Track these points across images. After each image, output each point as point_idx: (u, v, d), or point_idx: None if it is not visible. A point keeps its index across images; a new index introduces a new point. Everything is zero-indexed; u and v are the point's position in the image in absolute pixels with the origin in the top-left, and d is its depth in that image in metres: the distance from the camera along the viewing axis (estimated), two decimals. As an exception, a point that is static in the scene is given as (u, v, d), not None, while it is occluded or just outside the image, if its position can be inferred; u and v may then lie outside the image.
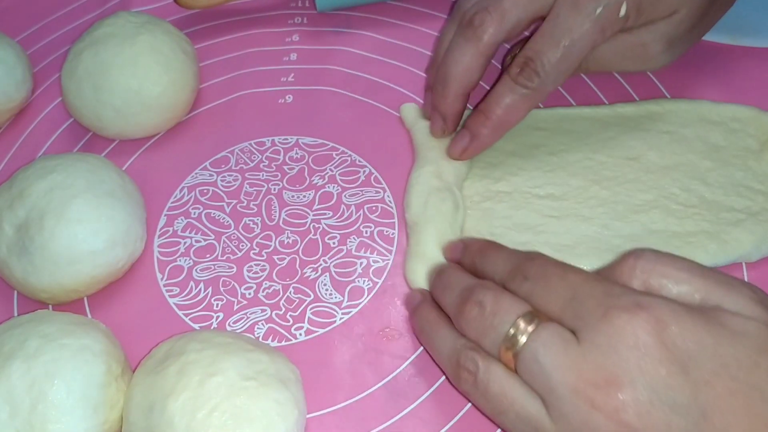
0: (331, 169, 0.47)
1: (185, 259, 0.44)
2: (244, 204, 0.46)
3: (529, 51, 0.40)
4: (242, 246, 0.44)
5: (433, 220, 0.41)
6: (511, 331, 0.32)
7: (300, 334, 0.41)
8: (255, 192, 0.46)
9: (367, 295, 0.42)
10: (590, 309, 0.30)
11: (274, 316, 0.42)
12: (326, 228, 0.45)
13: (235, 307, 0.42)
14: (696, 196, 0.43)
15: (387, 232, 0.44)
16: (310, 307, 0.42)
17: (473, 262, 0.38)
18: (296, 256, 0.44)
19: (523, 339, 0.31)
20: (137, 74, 0.46)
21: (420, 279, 0.41)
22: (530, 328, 0.31)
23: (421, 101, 0.50)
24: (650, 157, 0.45)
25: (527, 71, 0.40)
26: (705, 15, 0.43)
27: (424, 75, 0.51)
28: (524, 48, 0.41)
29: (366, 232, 0.44)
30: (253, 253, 0.44)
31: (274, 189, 0.46)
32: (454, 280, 0.37)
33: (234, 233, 0.45)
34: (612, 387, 0.29)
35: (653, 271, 0.32)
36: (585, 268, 0.35)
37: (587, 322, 0.30)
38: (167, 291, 0.43)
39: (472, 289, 0.34)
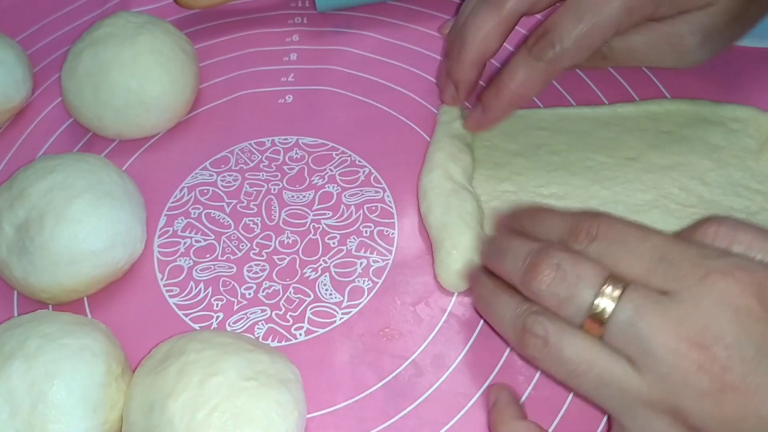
0: (330, 169, 0.47)
1: (185, 259, 0.44)
2: (244, 204, 0.46)
3: (548, 23, 0.39)
4: (242, 246, 0.44)
5: (463, 220, 0.41)
6: (598, 297, 0.30)
7: (300, 334, 0.41)
8: (255, 192, 0.46)
9: (367, 295, 0.42)
10: (686, 270, 0.30)
11: (274, 316, 0.42)
12: (326, 228, 0.45)
13: (235, 307, 0.42)
14: (695, 196, 0.43)
15: (387, 232, 0.44)
16: (310, 307, 0.42)
17: (523, 228, 0.36)
18: (296, 256, 0.44)
19: (611, 305, 0.30)
20: (137, 74, 0.46)
21: (459, 281, 0.40)
22: (616, 293, 0.30)
23: (420, 100, 0.50)
24: (650, 157, 0.45)
25: (543, 42, 0.39)
26: (744, 11, 0.42)
27: (423, 75, 0.51)
28: (545, 20, 0.40)
29: (366, 232, 0.44)
30: (253, 253, 0.44)
31: (274, 189, 0.46)
32: (515, 244, 0.34)
33: (234, 233, 0.45)
34: (717, 347, 0.28)
35: (735, 238, 0.31)
36: None
37: (684, 284, 0.30)
38: (167, 291, 0.43)
39: (543, 252, 0.32)
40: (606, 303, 0.30)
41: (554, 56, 0.39)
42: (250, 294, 0.42)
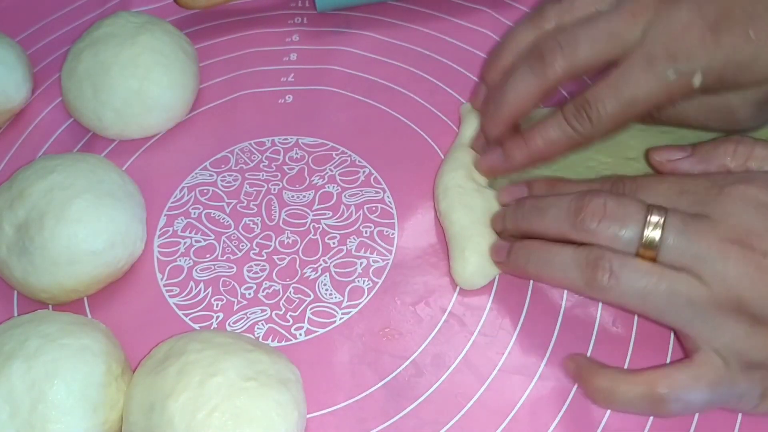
0: (330, 169, 0.47)
1: (185, 259, 0.44)
2: (244, 204, 0.46)
3: (589, 95, 0.39)
4: (242, 246, 0.44)
5: (487, 221, 0.42)
6: (646, 227, 0.34)
7: (300, 334, 0.41)
8: (255, 192, 0.46)
9: (367, 295, 0.42)
10: (704, 194, 0.35)
11: (274, 316, 0.42)
12: (326, 228, 0.45)
13: (235, 307, 0.42)
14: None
15: (387, 232, 0.44)
16: (310, 307, 0.42)
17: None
18: (296, 256, 0.44)
19: (658, 231, 0.34)
20: (137, 74, 0.46)
21: (477, 279, 0.41)
22: (660, 220, 0.34)
23: (420, 100, 0.50)
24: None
25: (581, 115, 0.39)
26: None
27: (423, 75, 0.51)
28: (586, 91, 0.39)
29: (366, 232, 0.44)
30: (253, 253, 0.44)
31: (274, 189, 0.46)
32: (553, 199, 0.38)
33: (234, 233, 0.45)
34: (752, 239, 0.33)
35: (751, 155, 0.36)
36: None
37: (707, 203, 0.35)
38: (167, 291, 0.43)
39: (587, 195, 0.36)
40: (653, 230, 0.34)
41: (590, 129, 0.40)
42: (250, 294, 0.42)
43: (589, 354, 0.39)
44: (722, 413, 0.37)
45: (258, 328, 0.41)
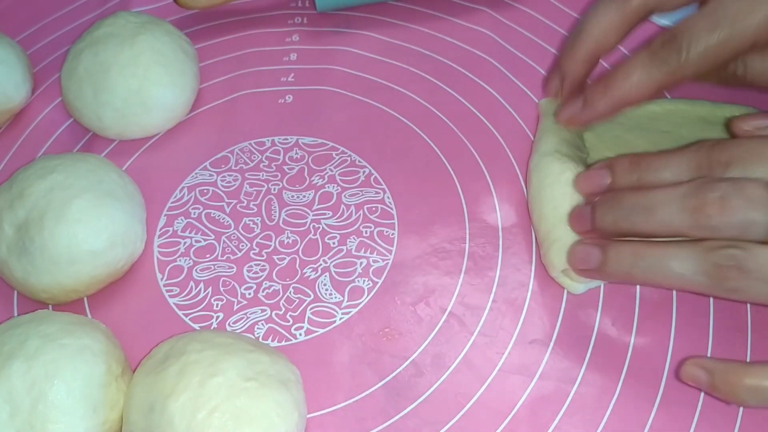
0: (330, 169, 0.47)
1: (185, 259, 0.44)
2: (244, 204, 0.46)
3: (679, 26, 0.36)
4: (242, 246, 0.44)
5: None
6: None
7: (300, 334, 0.41)
8: (255, 192, 0.46)
9: (367, 295, 0.42)
10: None
11: (274, 316, 0.42)
12: (326, 228, 0.45)
13: (235, 307, 0.42)
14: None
15: (387, 232, 0.44)
16: (310, 307, 0.42)
17: (634, 180, 0.35)
18: (296, 256, 0.44)
19: None
20: (137, 74, 0.46)
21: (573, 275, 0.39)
22: None
23: (420, 100, 0.50)
24: None
25: (669, 47, 0.36)
26: None
27: (423, 75, 0.51)
28: (676, 26, 0.37)
29: (366, 232, 0.44)
30: (253, 253, 0.44)
31: (274, 189, 0.46)
32: (660, 196, 0.34)
33: (234, 233, 0.45)
34: None
35: None
36: None
37: None
38: (167, 291, 0.43)
39: (701, 189, 0.32)
40: None
41: (678, 64, 0.36)
42: (250, 294, 0.42)
43: (589, 354, 0.39)
44: (723, 414, 0.37)
45: (258, 328, 0.41)
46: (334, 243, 0.44)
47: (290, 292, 0.42)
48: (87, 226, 0.40)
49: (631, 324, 0.40)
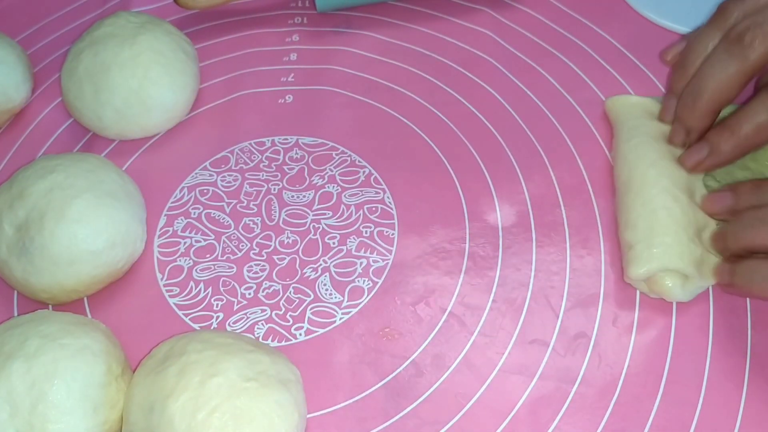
0: (330, 169, 0.47)
1: (185, 259, 0.44)
2: (244, 204, 0.46)
3: None
4: (242, 246, 0.44)
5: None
6: None
7: (300, 334, 0.41)
8: (255, 192, 0.46)
9: (367, 295, 0.42)
10: None
11: (274, 316, 0.42)
12: (326, 228, 0.45)
13: (235, 307, 0.42)
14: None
15: (387, 232, 0.44)
16: (310, 307, 0.42)
17: (755, 201, 0.37)
18: (296, 256, 0.44)
19: None
20: (137, 74, 0.46)
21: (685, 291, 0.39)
22: None
23: (420, 100, 0.50)
24: None
25: None
26: None
27: (423, 75, 0.51)
28: None
29: (366, 232, 0.44)
30: (253, 253, 0.44)
31: (274, 189, 0.46)
32: None
33: (234, 233, 0.45)
34: None
35: None
36: None
37: None
38: (167, 291, 0.43)
39: None
40: None
41: None
42: (250, 294, 0.42)
43: (589, 354, 0.39)
44: (722, 414, 0.37)
45: (258, 328, 0.41)
46: (334, 243, 0.44)
47: (290, 292, 0.42)
48: (87, 226, 0.40)
49: (631, 324, 0.40)
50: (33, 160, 0.44)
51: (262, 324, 0.41)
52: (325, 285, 0.42)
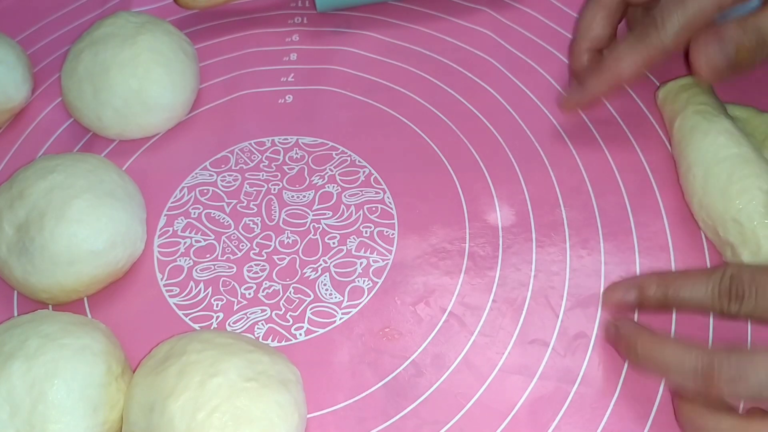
0: (330, 169, 0.47)
1: (185, 259, 0.44)
2: (244, 204, 0.46)
3: (656, 9, 0.41)
4: (242, 246, 0.44)
5: None
6: None
7: (300, 334, 0.41)
8: (255, 192, 0.46)
9: (367, 295, 0.42)
10: None
11: (274, 316, 0.42)
12: (326, 228, 0.45)
13: (235, 307, 0.42)
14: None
15: (387, 232, 0.44)
16: (310, 307, 0.42)
17: (660, 296, 0.37)
18: (296, 256, 0.44)
19: None
20: (137, 74, 0.46)
21: None
22: None
23: (420, 100, 0.50)
24: None
25: (648, 25, 0.41)
26: None
27: (423, 75, 0.51)
28: (653, 9, 0.42)
29: (366, 232, 0.44)
30: (253, 253, 0.44)
31: (274, 189, 0.46)
32: (672, 351, 0.34)
33: (234, 233, 0.45)
34: None
35: None
36: None
37: None
38: (167, 291, 0.43)
39: (714, 363, 0.33)
40: None
41: (658, 39, 0.41)
42: (250, 294, 0.42)
43: (589, 354, 0.39)
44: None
45: (258, 328, 0.41)
46: (334, 243, 0.44)
47: (290, 292, 0.42)
48: (87, 226, 0.40)
49: (631, 324, 0.40)
50: (33, 160, 0.44)
51: (262, 324, 0.41)
52: (325, 285, 0.42)
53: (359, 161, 0.47)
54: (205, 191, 0.47)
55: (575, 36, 0.46)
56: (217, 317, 0.42)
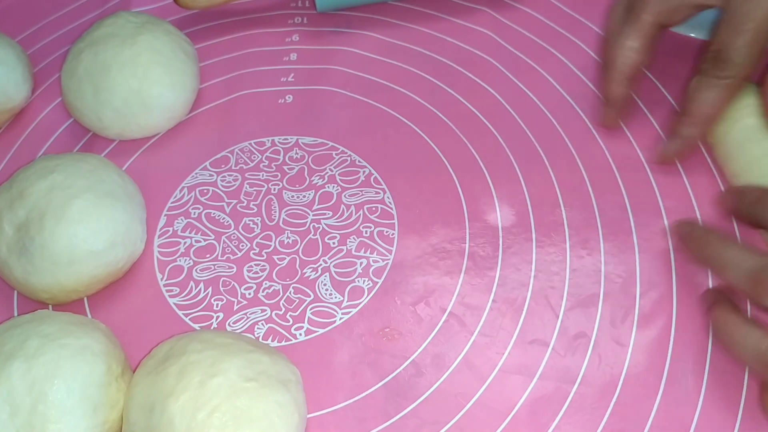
0: (330, 169, 0.47)
1: (185, 259, 0.44)
2: (244, 204, 0.46)
3: (714, 43, 0.41)
4: (242, 246, 0.44)
5: None
6: None
7: (300, 334, 0.41)
8: (255, 192, 0.46)
9: (367, 295, 0.42)
10: None
11: (274, 316, 0.42)
12: (326, 228, 0.45)
13: (235, 307, 0.42)
14: None
15: (387, 232, 0.44)
16: (310, 307, 0.42)
17: (751, 212, 0.39)
18: (296, 256, 0.44)
19: None
20: (137, 74, 0.46)
21: None
22: None
23: (420, 100, 0.50)
24: None
25: (718, 62, 0.41)
26: None
27: (423, 75, 0.51)
28: (710, 44, 0.42)
29: (366, 232, 0.44)
30: (253, 253, 0.44)
31: (274, 189, 0.47)
32: (735, 255, 0.36)
33: (234, 233, 0.45)
34: None
35: None
36: None
37: None
38: (167, 291, 0.43)
39: (763, 272, 0.35)
40: None
41: (734, 71, 0.41)
42: (250, 294, 0.42)
43: (589, 354, 0.39)
44: (722, 414, 0.37)
45: (258, 328, 0.41)
46: (334, 243, 0.44)
47: (290, 292, 0.42)
48: (87, 226, 0.40)
49: (631, 324, 0.40)
50: (33, 160, 0.44)
51: (262, 324, 0.41)
52: (325, 285, 0.42)
53: (359, 161, 0.47)
54: (205, 191, 0.47)
55: (612, 64, 0.45)
56: (217, 317, 0.42)
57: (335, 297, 0.42)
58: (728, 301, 0.38)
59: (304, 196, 0.46)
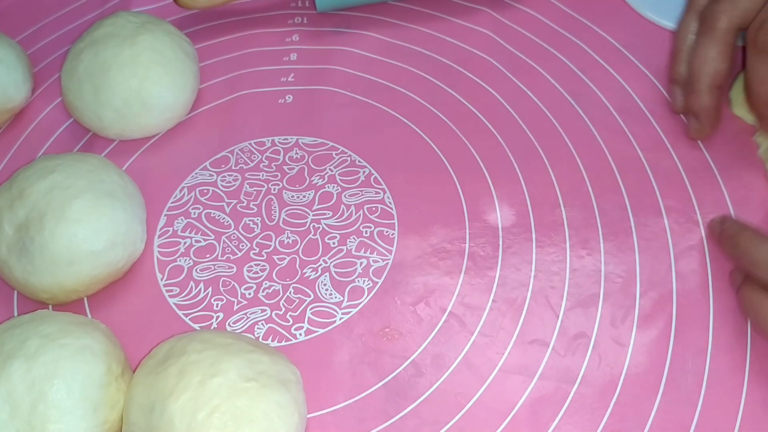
0: (330, 169, 0.47)
1: (185, 259, 0.44)
2: (244, 204, 0.46)
3: (761, 16, 0.41)
4: (242, 246, 0.44)
5: None
6: None
7: (300, 334, 0.41)
8: (255, 192, 0.46)
9: (367, 295, 0.42)
10: None
11: (274, 316, 0.42)
12: (326, 228, 0.45)
13: (235, 307, 0.42)
14: None
15: (387, 232, 0.44)
16: (310, 307, 0.42)
17: (726, 246, 0.40)
18: (296, 256, 0.44)
19: None
20: (137, 74, 0.46)
21: None
22: None
23: (420, 100, 0.50)
24: None
25: (764, 32, 0.41)
26: None
27: (423, 75, 0.51)
28: (756, 20, 0.42)
29: (366, 232, 0.44)
30: (253, 253, 0.44)
31: (274, 189, 0.47)
32: (764, 254, 0.37)
33: (234, 233, 0.45)
34: None
35: None
36: None
37: None
38: (167, 291, 0.43)
39: None
40: None
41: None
42: (250, 294, 0.42)
43: (589, 354, 0.39)
44: (723, 414, 0.37)
45: (258, 328, 0.41)
46: (334, 243, 0.44)
47: (290, 292, 0.42)
48: (87, 226, 0.40)
49: (631, 324, 0.40)
50: (33, 160, 0.44)
51: (262, 324, 0.41)
52: (325, 285, 0.42)
53: (359, 161, 0.47)
54: (205, 191, 0.47)
55: (697, 76, 0.44)
56: (217, 317, 0.42)
57: (335, 297, 0.42)
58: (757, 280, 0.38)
59: (304, 196, 0.46)
